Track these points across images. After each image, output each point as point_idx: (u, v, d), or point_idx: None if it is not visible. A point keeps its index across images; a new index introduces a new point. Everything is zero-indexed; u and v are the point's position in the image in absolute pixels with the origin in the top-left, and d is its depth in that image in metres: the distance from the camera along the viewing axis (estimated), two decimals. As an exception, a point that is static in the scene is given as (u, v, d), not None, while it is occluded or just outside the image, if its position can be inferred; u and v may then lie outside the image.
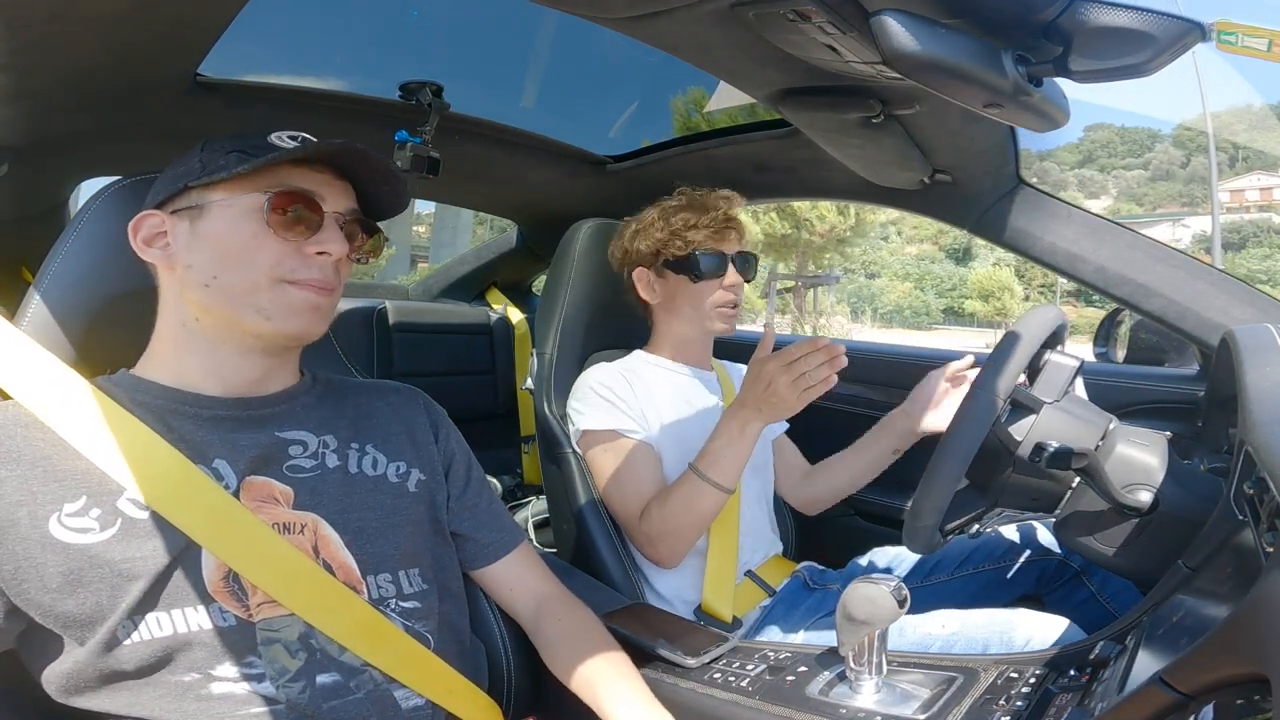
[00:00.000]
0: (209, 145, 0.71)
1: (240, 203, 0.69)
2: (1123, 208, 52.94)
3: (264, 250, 0.69)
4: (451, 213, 6.86)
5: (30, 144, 1.12)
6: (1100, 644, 0.76)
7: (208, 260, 0.69)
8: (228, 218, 0.69)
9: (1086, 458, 0.81)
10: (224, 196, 0.69)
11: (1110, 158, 60.66)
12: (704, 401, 1.27)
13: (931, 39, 0.67)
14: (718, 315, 1.24)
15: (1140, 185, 56.05)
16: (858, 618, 0.74)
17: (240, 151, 0.69)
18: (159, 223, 0.71)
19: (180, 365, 0.72)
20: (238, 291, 0.69)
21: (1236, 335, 0.88)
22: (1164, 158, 56.16)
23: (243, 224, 0.69)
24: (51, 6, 0.78)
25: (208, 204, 0.69)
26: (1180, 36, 0.64)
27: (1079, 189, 56.09)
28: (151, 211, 0.71)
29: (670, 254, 1.22)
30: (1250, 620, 0.45)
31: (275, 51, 1.30)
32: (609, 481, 1.16)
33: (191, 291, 0.70)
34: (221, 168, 0.69)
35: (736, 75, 0.98)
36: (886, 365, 1.74)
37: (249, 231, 0.69)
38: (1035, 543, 1.22)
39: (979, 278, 37.60)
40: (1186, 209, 50.71)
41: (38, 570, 0.61)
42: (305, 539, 0.70)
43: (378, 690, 0.70)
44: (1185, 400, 1.34)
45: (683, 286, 1.23)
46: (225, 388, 0.72)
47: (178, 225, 0.70)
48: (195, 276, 0.69)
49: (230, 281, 0.69)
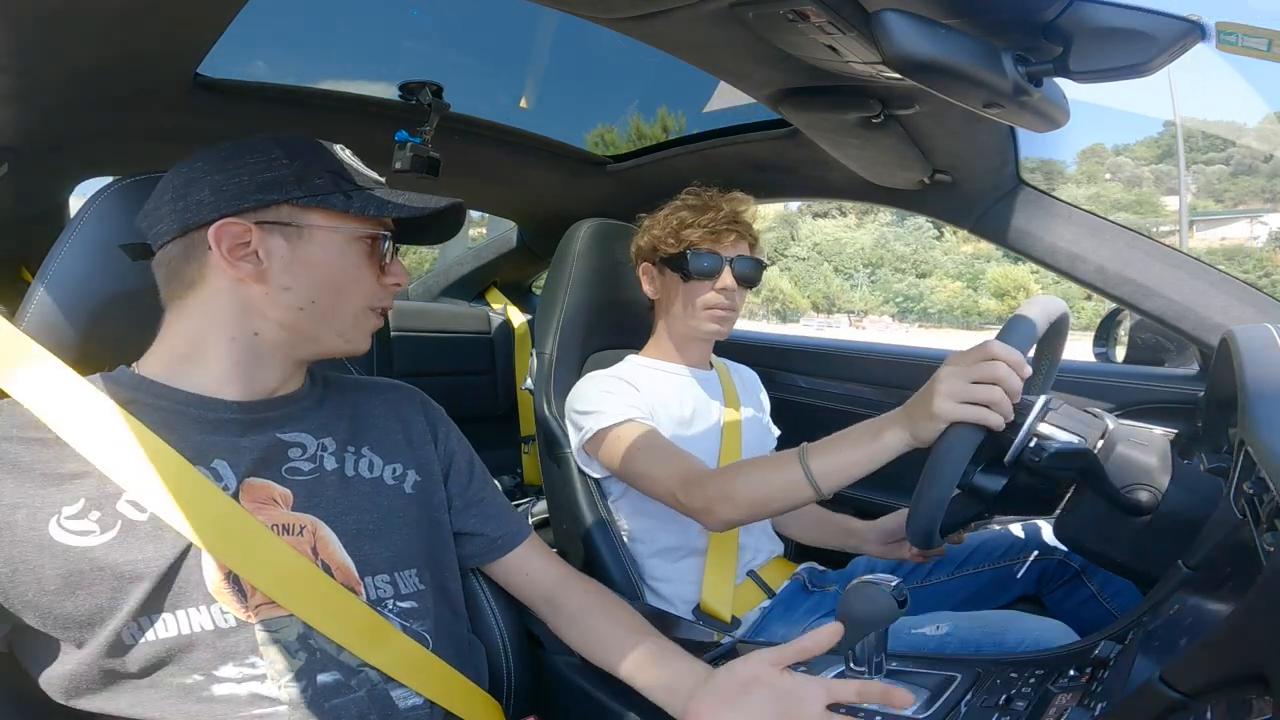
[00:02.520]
0: (294, 154, 0.70)
1: (344, 233, 0.72)
2: (1199, 204, 52.07)
3: (364, 281, 0.74)
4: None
5: (30, 144, 1.11)
6: (1100, 644, 0.76)
7: (310, 284, 0.71)
8: (333, 245, 0.71)
9: (1086, 458, 0.81)
10: (326, 222, 0.71)
11: (1191, 152, 59.23)
12: (703, 400, 1.27)
13: (931, 39, 0.67)
14: (707, 316, 1.23)
15: (1221, 181, 54.70)
16: (857, 617, 0.74)
17: (335, 174, 0.71)
18: (242, 232, 0.68)
19: (198, 369, 0.71)
20: (331, 316, 0.72)
21: (1236, 335, 0.88)
22: (1245, 152, 54.88)
23: (347, 254, 0.72)
24: (51, 6, 0.78)
25: (309, 225, 0.70)
26: (1180, 36, 0.64)
27: (1155, 184, 55.09)
28: (234, 220, 0.68)
29: (665, 251, 1.22)
30: (1250, 620, 0.45)
31: (275, 51, 1.30)
32: (643, 460, 1.09)
33: (278, 311, 0.70)
34: (323, 191, 0.70)
35: (736, 75, 0.98)
36: (887, 365, 1.74)
37: (352, 263, 0.73)
38: (1035, 543, 1.22)
39: (994, 275, 37.32)
40: (1268, 205, 49.94)
41: (35, 572, 0.60)
42: (304, 540, 0.70)
43: (376, 690, 0.70)
44: (1185, 400, 1.34)
45: (675, 285, 1.24)
46: (247, 393, 0.72)
47: (269, 240, 0.69)
48: (291, 299, 0.70)
49: (328, 307, 0.72)
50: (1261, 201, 51.66)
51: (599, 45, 1.52)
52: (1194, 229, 48.89)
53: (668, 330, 1.29)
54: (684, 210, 1.22)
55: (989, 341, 0.80)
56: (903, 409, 0.83)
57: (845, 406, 1.75)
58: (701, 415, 1.25)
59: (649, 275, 1.28)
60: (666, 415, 1.19)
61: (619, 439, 1.12)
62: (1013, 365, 0.77)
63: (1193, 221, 49.32)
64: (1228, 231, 48.35)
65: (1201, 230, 48.92)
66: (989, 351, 0.78)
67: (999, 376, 0.76)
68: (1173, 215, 49.24)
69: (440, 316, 2.25)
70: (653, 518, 1.19)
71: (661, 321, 1.30)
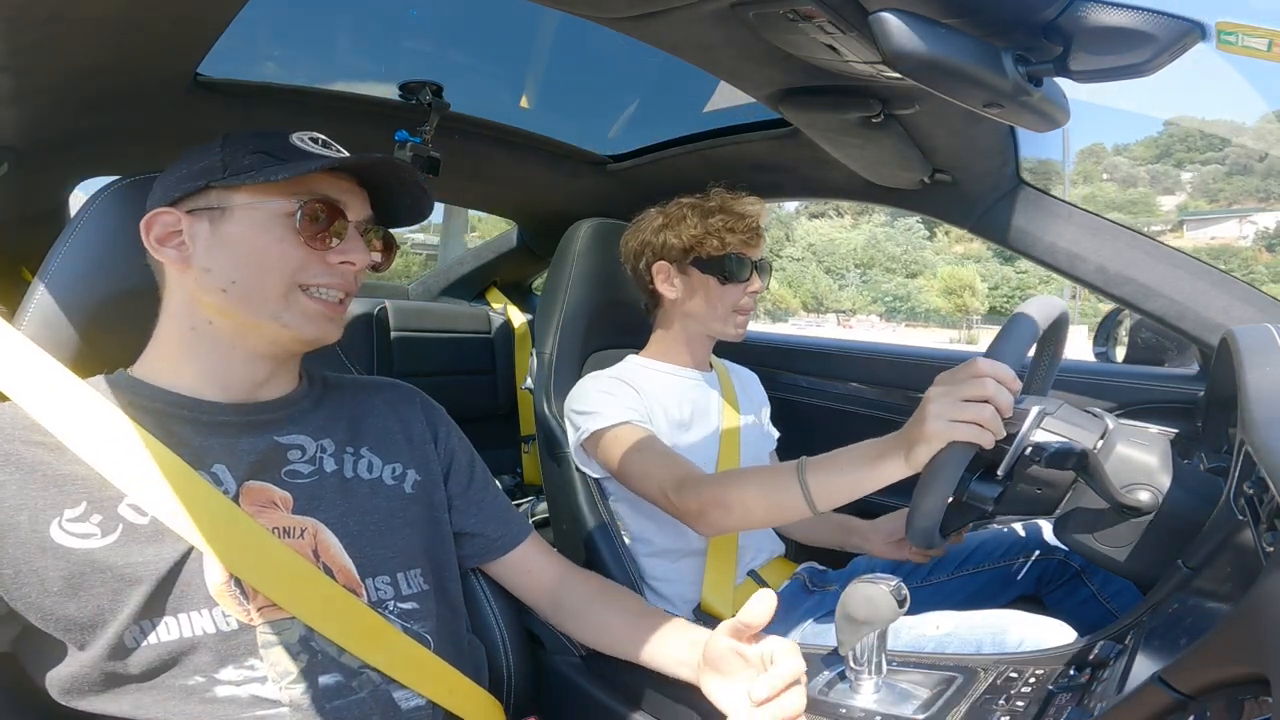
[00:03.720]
0: (229, 143, 0.70)
1: (267, 207, 0.68)
2: (1191, 204, 52.09)
3: (288, 257, 0.69)
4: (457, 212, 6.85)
5: (30, 144, 1.11)
6: (1100, 644, 0.76)
7: (229, 264, 0.68)
8: (253, 221, 0.68)
9: (1086, 458, 0.81)
10: (249, 200, 0.68)
11: (1189, 151, 59.02)
12: (703, 402, 1.27)
13: (931, 39, 0.67)
14: (732, 320, 1.24)
15: (1216, 180, 54.77)
16: (858, 617, 0.75)
17: (265, 153, 0.69)
18: (174, 221, 0.69)
19: (181, 369, 0.71)
20: (257, 297, 0.69)
21: (1236, 335, 0.88)
22: (1241, 152, 54.61)
23: (269, 229, 0.68)
24: (51, 7, 0.78)
25: (231, 206, 0.69)
26: (1180, 36, 0.64)
27: (1151, 184, 55.02)
28: (166, 209, 0.69)
29: (704, 253, 1.21)
30: (1250, 620, 0.45)
31: (275, 51, 1.30)
32: (638, 460, 1.09)
33: (207, 295, 0.69)
34: (247, 169, 0.68)
35: (736, 75, 0.98)
36: (886, 365, 1.74)
37: (274, 237, 0.68)
38: (1035, 542, 1.22)
39: (945, 275, 37.89)
40: (1261, 204, 49.93)
41: (38, 574, 0.61)
42: (305, 543, 0.70)
43: (377, 691, 0.70)
44: (1185, 400, 1.34)
45: (708, 286, 1.22)
46: (227, 393, 0.72)
47: (195, 225, 0.69)
48: (213, 280, 0.68)
49: (250, 286, 0.69)
50: (1255, 201, 51.69)
51: (599, 45, 1.51)
52: (1184, 228, 48.95)
53: (683, 330, 1.28)
54: (722, 214, 1.21)
55: (976, 359, 0.79)
56: (900, 434, 0.82)
57: (845, 406, 1.75)
58: (701, 418, 1.24)
59: (666, 273, 1.25)
60: (665, 418, 1.19)
61: (616, 440, 1.12)
62: (1002, 381, 0.76)
63: (1183, 221, 49.33)
64: (1218, 230, 48.46)
65: (1192, 230, 49.01)
66: (976, 369, 0.77)
67: (988, 394, 0.76)
68: (1164, 215, 49.26)
69: (440, 316, 2.25)
70: (653, 518, 1.19)
71: (675, 321, 1.28)
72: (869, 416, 1.72)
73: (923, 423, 0.77)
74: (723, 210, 1.21)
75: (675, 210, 1.24)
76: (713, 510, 0.97)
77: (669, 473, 1.04)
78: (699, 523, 1.00)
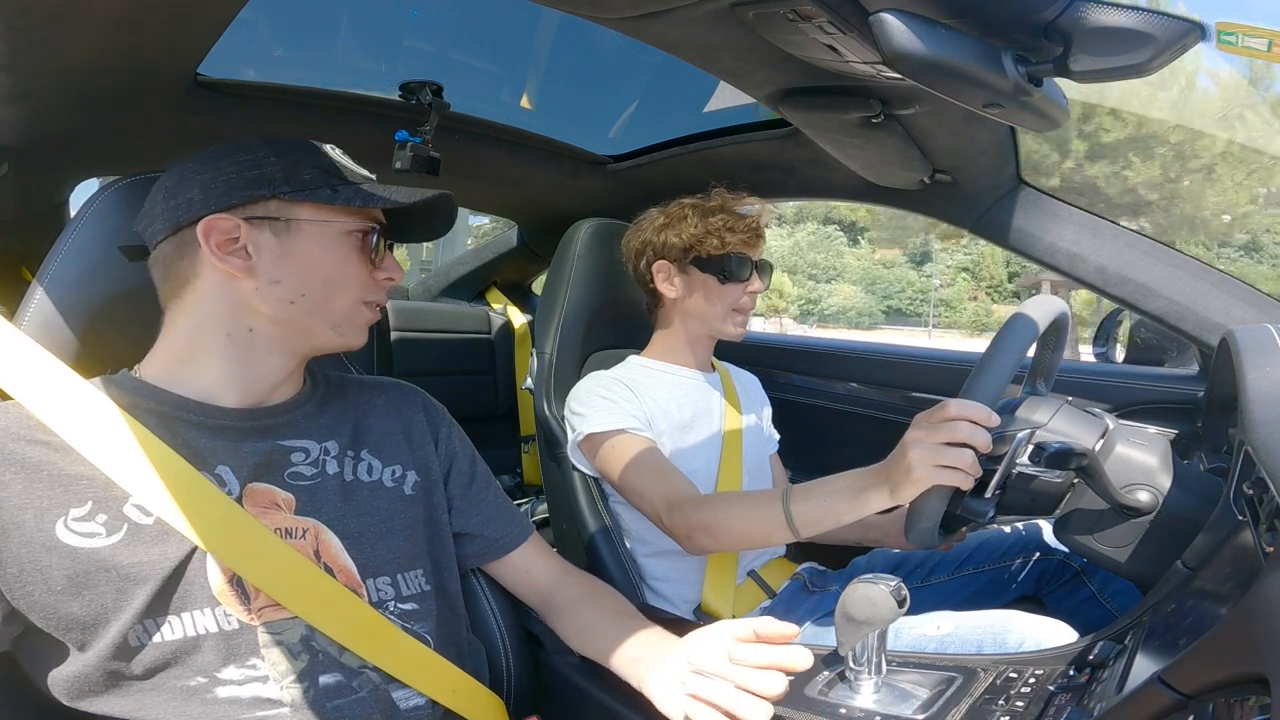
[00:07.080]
0: (282, 152, 0.70)
1: (334, 226, 0.72)
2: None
3: (358, 276, 0.74)
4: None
5: (30, 144, 1.11)
6: (1100, 644, 0.76)
7: (300, 278, 0.70)
8: (322, 237, 0.71)
9: (1086, 458, 0.81)
10: (314, 216, 0.71)
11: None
12: (704, 404, 1.27)
13: (931, 39, 0.67)
14: (732, 319, 1.24)
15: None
16: (857, 618, 0.74)
17: (322, 170, 0.71)
18: (232, 228, 0.68)
19: (199, 371, 0.71)
20: (324, 310, 0.72)
21: (1236, 335, 0.88)
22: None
23: (336, 247, 0.72)
24: (51, 6, 0.78)
25: (297, 220, 0.70)
26: (1180, 36, 0.64)
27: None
28: (223, 215, 0.68)
29: (704, 252, 1.21)
30: (1249, 620, 0.45)
31: (275, 51, 1.30)
32: (632, 475, 1.10)
33: (268, 305, 0.70)
34: (311, 185, 0.70)
35: (736, 75, 0.98)
36: (886, 365, 1.74)
37: (342, 255, 0.73)
38: (1036, 542, 1.22)
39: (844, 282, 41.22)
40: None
41: (42, 573, 0.61)
42: (307, 544, 0.71)
43: (378, 690, 0.70)
44: (1185, 400, 1.34)
45: (708, 285, 1.22)
46: (241, 396, 0.72)
47: (258, 235, 0.69)
48: (282, 292, 0.70)
49: (319, 300, 0.72)
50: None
51: (600, 45, 1.51)
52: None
53: (684, 330, 1.28)
54: (723, 213, 1.21)
55: (947, 401, 0.78)
56: (883, 468, 0.82)
57: (845, 406, 1.75)
58: (702, 419, 1.24)
59: (666, 273, 1.25)
60: (666, 421, 1.19)
61: (612, 449, 1.13)
62: (976, 421, 0.76)
63: (1117, 224, 49.91)
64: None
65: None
66: (948, 413, 0.77)
67: (964, 437, 0.76)
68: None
69: (440, 316, 2.25)
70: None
71: (675, 321, 1.28)
72: (868, 417, 1.72)
73: (906, 468, 0.77)
74: (723, 210, 1.22)
75: (676, 210, 1.24)
76: (699, 535, 1.01)
77: (660, 494, 1.06)
78: (686, 545, 1.03)
